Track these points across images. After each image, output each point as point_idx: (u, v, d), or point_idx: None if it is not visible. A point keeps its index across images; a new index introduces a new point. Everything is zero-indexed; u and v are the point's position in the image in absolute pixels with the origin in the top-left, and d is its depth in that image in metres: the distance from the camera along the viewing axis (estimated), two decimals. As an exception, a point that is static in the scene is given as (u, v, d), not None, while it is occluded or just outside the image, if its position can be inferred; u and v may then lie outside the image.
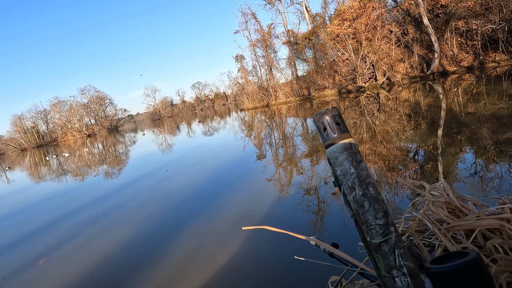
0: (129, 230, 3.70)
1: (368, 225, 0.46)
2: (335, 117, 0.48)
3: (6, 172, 18.57)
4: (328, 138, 0.48)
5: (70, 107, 60.51)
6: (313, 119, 0.50)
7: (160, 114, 75.39)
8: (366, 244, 0.48)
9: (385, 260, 0.46)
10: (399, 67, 20.41)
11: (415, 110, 8.23)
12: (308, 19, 27.86)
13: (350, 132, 0.48)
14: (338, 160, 0.47)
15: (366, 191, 0.46)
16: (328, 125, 0.48)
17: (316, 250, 0.95)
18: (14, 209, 6.67)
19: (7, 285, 2.90)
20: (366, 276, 0.78)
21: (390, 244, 0.46)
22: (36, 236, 4.26)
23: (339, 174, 0.47)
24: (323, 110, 0.49)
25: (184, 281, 2.32)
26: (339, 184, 0.48)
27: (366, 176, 0.47)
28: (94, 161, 14.17)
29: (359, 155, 0.48)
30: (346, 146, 0.47)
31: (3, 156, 50.45)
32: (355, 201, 0.47)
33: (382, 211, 0.46)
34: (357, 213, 0.47)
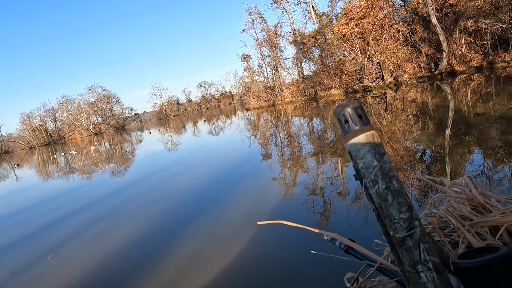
0: (134, 228, 3.72)
1: (392, 219, 0.45)
2: (357, 109, 0.47)
3: (15, 169, 18.84)
4: (349, 131, 0.47)
5: (78, 105, 61.19)
6: (334, 111, 0.49)
7: (166, 113, 75.83)
8: (389, 238, 0.47)
9: (409, 254, 0.45)
10: (406, 67, 20.23)
11: (423, 110, 8.15)
12: (315, 18, 27.76)
13: (372, 125, 0.47)
14: (360, 153, 0.46)
15: (390, 184, 0.45)
16: (349, 117, 0.47)
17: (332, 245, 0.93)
18: (22, 206, 6.76)
19: (16, 280, 2.94)
20: (384, 272, 0.76)
21: (414, 238, 0.45)
22: (44, 232, 4.30)
23: (361, 167, 0.46)
24: (345, 102, 0.48)
25: (195, 278, 2.33)
26: (360, 177, 0.47)
27: (389, 169, 0.45)
28: (100, 159, 14.30)
29: (382, 147, 0.47)
30: (369, 139, 0.46)
31: (12, 154, 51.19)
32: (378, 194, 0.45)
33: (406, 205, 0.45)
34: (380, 206, 0.46)
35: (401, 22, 20.19)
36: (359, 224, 2.64)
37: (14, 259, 3.47)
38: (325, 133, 8.54)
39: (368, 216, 2.76)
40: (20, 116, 65.19)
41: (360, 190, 3.47)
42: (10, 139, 60.89)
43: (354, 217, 2.79)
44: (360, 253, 0.84)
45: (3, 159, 39.99)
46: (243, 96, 37.64)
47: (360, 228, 2.56)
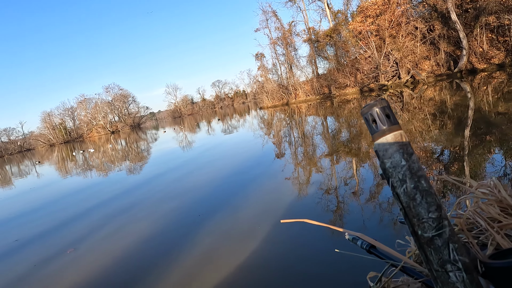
0: (150, 224, 3.79)
1: (420, 218, 0.46)
2: (385, 108, 0.47)
3: (36, 166, 19.50)
4: (377, 130, 0.47)
5: (95, 104, 62.71)
6: (361, 111, 0.50)
7: (180, 112, 76.72)
8: (417, 237, 0.47)
9: (438, 254, 0.45)
10: (424, 65, 19.76)
11: (441, 109, 7.95)
12: (330, 16, 27.46)
13: (400, 125, 0.47)
14: (388, 153, 0.46)
15: (418, 184, 0.45)
16: (377, 117, 0.47)
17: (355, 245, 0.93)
18: (43, 201, 7.00)
19: (39, 272, 3.06)
20: (408, 272, 0.76)
21: (444, 238, 0.45)
22: (64, 227, 4.44)
23: (389, 166, 0.47)
24: (372, 101, 0.48)
25: (213, 275, 2.36)
26: (387, 176, 0.48)
27: (418, 168, 0.46)
28: (117, 157, 14.62)
29: (410, 147, 0.47)
30: (397, 138, 0.46)
31: (33, 151, 52.99)
32: (406, 194, 0.46)
33: (435, 205, 0.45)
34: (408, 206, 0.46)
35: (419, 19, 19.71)
36: (378, 224, 2.61)
37: (37, 252, 3.61)
38: (339, 132, 8.45)
39: (387, 216, 2.72)
40: (41, 114, 67.52)
41: (378, 190, 3.42)
42: (32, 137, 63.05)
43: (373, 218, 2.75)
44: (383, 253, 0.84)
45: (25, 156, 41.44)
46: (257, 95, 37.64)
47: (380, 228, 2.53)
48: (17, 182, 13.03)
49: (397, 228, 2.42)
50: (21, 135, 66.24)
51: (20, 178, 14.54)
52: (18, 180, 13.69)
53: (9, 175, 17.98)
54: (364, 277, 0.88)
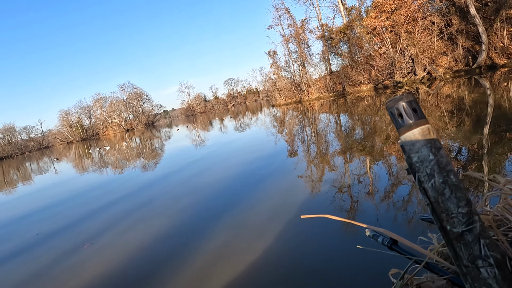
0: (165, 220, 3.85)
1: (449, 213, 0.45)
2: (412, 102, 0.47)
3: (55, 163, 20.07)
4: (403, 124, 0.47)
5: (111, 103, 63.95)
6: (386, 105, 0.50)
7: (193, 110, 77.37)
8: (445, 232, 0.46)
9: (468, 249, 0.45)
10: (441, 61, 19.25)
11: (459, 107, 7.74)
12: (343, 12, 27.08)
13: (427, 119, 0.47)
14: (415, 147, 0.46)
15: (447, 178, 0.45)
16: (404, 111, 0.47)
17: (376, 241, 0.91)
18: (62, 197, 7.20)
19: (59, 265, 3.16)
20: (433, 269, 0.75)
21: (474, 233, 0.44)
22: (82, 222, 4.57)
23: (416, 161, 0.46)
24: (398, 96, 0.48)
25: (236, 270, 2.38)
26: (413, 171, 0.47)
27: (446, 163, 0.46)
28: (132, 154, 14.89)
29: (438, 142, 0.47)
30: (424, 132, 0.46)
31: (52, 148, 54.54)
32: (434, 188, 0.45)
33: (465, 199, 0.45)
34: (436, 201, 0.46)
35: (436, 14, 19.19)
36: (397, 222, 2.57)
37: (57, 246, 3.72)
38: (353, 130, 8.35)
39: (406, 214, 2.68)
40: (58, 113, 69.48)
41: (396, 188, 3.37)
42: (50, 135, 64.88)
43: (392, 216, 2.72)
44: (405, 250, 0.82)
45: (43, 153, 42.71)
46: (269, 93, 37.55)
47: (400, 226, 2.49)
48: (36, 178, 13.45)
49: (418, 226, 2.38)
50: (40, 133, 68.33)
51: (39, 175, 15.01)
52: (37, 177, 14.13)
53: (29, 171, 18.58)
54: (386, 273, 0.87)
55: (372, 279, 1.87)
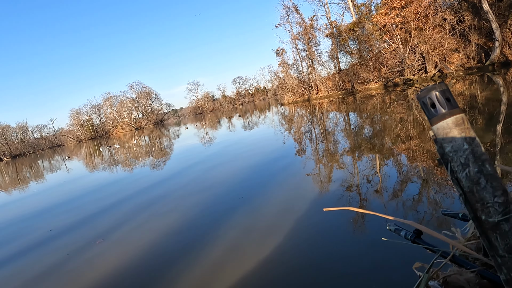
0: (175, 217, 3.89)
1: (485, 203, 0.44)
2: (445, 92, 0.47)
3: (66, 161, 20.42)
4: (436, 114, 0.47)
5: (120, 102, 64.65)
6: (417, 95, 0.49)
7: (202, 109, 77.70)
8: (480, 223, 0.46)
9: (504, 239, 0.44)
10: (453, 58, 18.91)
11: (471, 104, 7.60)
12: (353, 9, 26.82)
13: (461, 108, 0.47)
14: (448, 136, 0.46)
15: (482, 167, 0.44)
16: (437, 100, 0.46)
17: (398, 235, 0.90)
18: (74, 195, 7.33)
19: (72, 261, 3.22)
20: (459, 263, 0.73)
21: (511, 223, 0.43)
22: (93, 219, 4.65)
23: (449, 150, 0.46)
24: (430, 85, 0.47)
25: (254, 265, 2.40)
26: (446, 161, 0.47)
27: (481, 152, 0.45)
28: (141, 153, 15.05)
29: (472, 131, 0.46)
30: (459, 122, 0.45)
31: (63, 147, 55.49)
32: (469, 178, 0.45)
33: (501, 189, 0.44)
34: (471, 190, 0.45)
35: (447, 10, 18.85)
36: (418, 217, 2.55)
37: (69, 242, 3.80)
38: (362, 128, 8.28)
39: (428, 210, 2.66)
40: (70, 112, 70.58)
41: (412, 183, 3.34)
42: (61, 133, 66.02)
43: (413, 211, 2.70)
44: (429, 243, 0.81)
45: (55, 151, 43.49)
46: (278, 91, 37.45)
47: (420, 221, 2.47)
48: (48, 176, 13.71)
49: (440, 221, 2.36)
50: (52, 131, 69.59)
51: (51, 173, 15.30)
52: (49, 175, 14.40)
53: (41, 169, 18.95)
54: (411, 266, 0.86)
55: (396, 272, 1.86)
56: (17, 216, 6.19)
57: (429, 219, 2.48)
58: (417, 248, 0.85)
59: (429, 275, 0.75)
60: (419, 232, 0.84)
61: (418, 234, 0.84)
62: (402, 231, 0.88)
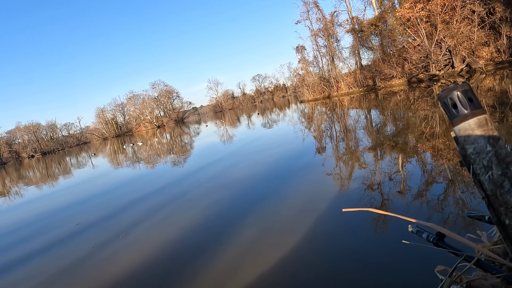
0: (196, 214, 3.96)
1: (509, 206, 0.42)
2: (467, 92, 0.45)
3: (92, 158, 21.21)
4: (458, 115, 0.45)
5: (143, 100, 66.30)
6: (438, 95, 0.48)
7: (222, 107, 78.30)
8: (503, 227, 0.44)
9: None
10: (482, 52, 18.06)
11: (501, 100, 7.24)
12: (375, 4, 26.13)
13: (484, 108, 0.45)
14: (470, 138, 0.44)
15: (507, 170, 0.42)
16: (458, 101, 0.45)
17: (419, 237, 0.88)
18: (99, 190, 7.62)
19: (97, 253, 3.36)
20: (484, 267, 0.70)
21: None
22: (117, 214, 4.82)
23: (471, 152, 0.44)
24: (451, 85, 0.46)
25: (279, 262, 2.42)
26: (468, 163, 0.45)
27: (506, 154, 0.43)
28: (163, 150, 15.38)
29: (496, 132, 0.44)
30: (482, 123, 0.44)
31: (89, 144, 57.65)
32: (492, 181, 0.43)
33: None
34: (494, 194, 0.43)
35: (476, 2, 17.98)
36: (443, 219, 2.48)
37: (95, 236, 3.96)
38: (384, 125, 8.08)
39: (453, 211, 2.58)
40: (95, 110, 73.29)
41: (437, 183, 3.24)
42: (88, 131, 68.59)
43: (437, 213, 2.62)
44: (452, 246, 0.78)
45: (82, 149, 45.27)
46: (297, 89, 37.15)
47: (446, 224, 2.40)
48: (76, 172, 14.31)
49: (465, 223, 2.28)
50: (79, 129, 72.38)
51: (78, 169, 15.95)
52: (77, 171, 15.02)
53: (69, 166, 19.78)
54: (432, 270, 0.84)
55: (417, 275, 1.82)
56: (48, 210, 6.51)
57: (453, 221, 2.39)
58: (440, 251, 0.82)
59: (452, 279, 0.72)
60: (442, 235, 0.81)
61: (441, 236, 0.81)
62: (424, 233, 0.85)
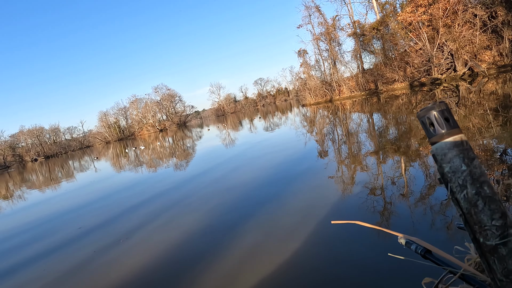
0: (197, 218, 3.96)
1: (482, 225, 0.44)
2: (444, 112, 0.46)
3: (94, 162, 21.27)
4: (435, 134, 0.46)
5: (145, 104, 66.60)
6: (417, 114, 0.49)
7: (224, 110, 78.52)
8: (478, 245, 0.45)
9: (502, 263, 0.43)
10: (484, 56, 18.02)
11: (504, 104, 7.21)
12: (377, 8, 26.21)
13: (460, 128, 0.46)
14: (446, 157, 0.45)
15: (480, 189, 0.43)
16: (435, 120, 0.46)
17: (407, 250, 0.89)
18: (101, 194, 7.63)
19: (98, 257, 3.35)
20: (468, 280, 0.71)
21: (509, 247, 0.43)
22: (118, 218, 4.82)
23: (447, 171, 0.45)
24: (430, 104, 0.47)
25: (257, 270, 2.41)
26: (446, 181, 0.46)
27: (480, 174, 0.44)
28: (165, 154, 15.41)
29: (472, 152, 0.45)
30: (457, 143, 0.45)
31: (92, 148, 57.87)
32: (467, 200, 0.44)
33: (500, 212, 0.43)
34: (469, 212, 0.44)
35: (478, 6, 17.99)
36: (433, 229, 2.46)
37: (95, 240, 3.96)
38: (387, 129, 8.06)
39: (443, 221, 2.56)
40: (98, 114, 73.68)
41: (431, 192, 3.22)
42: (90, 135, 68.90)
43: (427, 222, 2.61)
44: (439, 259, 0.79)
45: (84, 152, 45.43)
46: (299, 92, 37.18)
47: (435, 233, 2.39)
48: (78, 176, 14.35)
49: (454, 234, 2.26)
50: (82, 133, 72.79)
51: (81, 173, 15.99)
52: (79, 174, 15.06)
53: (72, 169, 19.85)
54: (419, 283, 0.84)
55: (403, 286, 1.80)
56: (50, 214, 6.53)
57: (443, 232, 2.37)
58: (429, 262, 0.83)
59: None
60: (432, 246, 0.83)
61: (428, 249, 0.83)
62: (413, 244, 0.87)
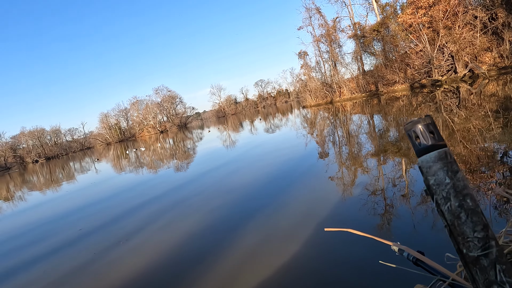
0: (196, 220, 3.96)
1: (465, 237, 0.45)
2: (429, 125, 0.47)
3: (95, 163, 21.30)
4: (420, 147, 0.48)
5: (146, 105, 66.77)
6: (404, 127, 0.51)
7: (224, 112, 78.62)
8: (462, 255, 0.47)
9: (484, 274, 0.45)
10: (485, 57, 18.03)
11: (505, 106, 7.21)
12: (377, 9, 26.26)
13: (445, 141, 0.47)
14: (431, 170, 0.47)
15: (463, 202, 0.45)
16: (421, 134, 0.47)
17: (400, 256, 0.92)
18: (102, 195, 7.64)
19: (99, 260, 3.36)
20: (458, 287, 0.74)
21: (490, 258, 0.44)
22: (119, 220, 4.83)
23: (432, 183, 0.47)
24: (416, 118, 0.49)
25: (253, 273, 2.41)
26: (431, 193, 0.48)
27: (463, 187, 0.46)
28: (166, 155, 15.42)
29: (456, 165, 0.47)
30: (441, 156, 0.46)
31: (93, 149, 57.95)
32: (450, 212, 0.46)
33: (481, 224, 0.45)
34: (452, 224, 0.46)
35: (479, 7, 18.01)
36: (429, 234, 2.46)
37: (96, 242, 3.96)
38: (387, 131, 8.06)
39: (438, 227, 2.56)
40: (99, 115, 73.87)
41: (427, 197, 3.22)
42: (91, 136, 69.07)
43: (422, 226, 2.61)
44: (430, 266, 0.82)
45: (85, 153, 45.48)
46: (300, 94, 37.23)
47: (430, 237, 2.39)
48: (79, 177, 14.36)
49: (447, 241, 2.25)
50: (83, 134, 72.91)
51: (82, 174, 16.01)
52: (80, 176, 15.08)
53: (73, 171, 19.87)
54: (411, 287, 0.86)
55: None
56: (51, 215, 6.54)
57: (437, 238, 2.36)
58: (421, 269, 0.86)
59: None
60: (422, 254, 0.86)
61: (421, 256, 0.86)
62: (405, 251, 0.90)
